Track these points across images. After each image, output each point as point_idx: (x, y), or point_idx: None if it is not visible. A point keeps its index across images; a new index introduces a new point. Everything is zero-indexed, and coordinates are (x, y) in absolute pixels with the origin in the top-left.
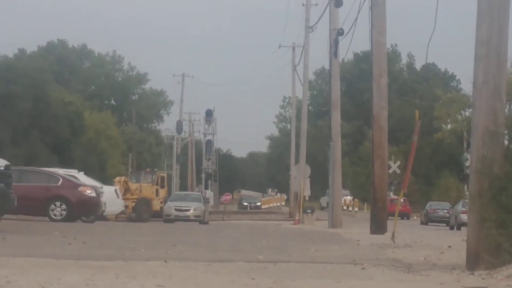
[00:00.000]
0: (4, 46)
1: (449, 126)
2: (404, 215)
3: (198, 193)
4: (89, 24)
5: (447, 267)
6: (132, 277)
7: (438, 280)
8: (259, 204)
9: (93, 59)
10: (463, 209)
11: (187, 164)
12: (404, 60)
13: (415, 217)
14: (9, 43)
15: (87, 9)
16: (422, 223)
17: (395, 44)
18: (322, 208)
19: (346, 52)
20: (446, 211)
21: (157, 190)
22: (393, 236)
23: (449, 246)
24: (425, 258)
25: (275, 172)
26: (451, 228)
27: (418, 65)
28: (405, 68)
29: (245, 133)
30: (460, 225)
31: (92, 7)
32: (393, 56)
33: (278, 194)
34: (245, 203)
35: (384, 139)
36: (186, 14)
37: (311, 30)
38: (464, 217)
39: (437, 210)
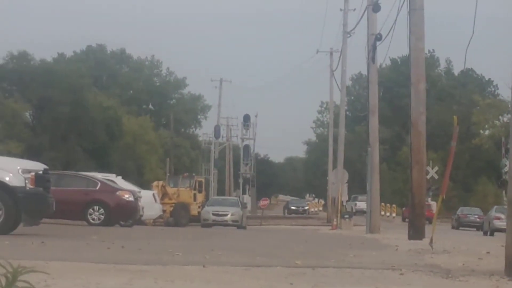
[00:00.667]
0: (44, 50)
1: (487, 132)
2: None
3: (235, 198)
4: (127, 29)
5: (485, 273)
6: (171, 281)
7: (477, 286)
8: (306, 208)
9: (131, 64)
10: (497, 215)
11: (224, 169)
12: (442, 65)
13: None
14: (49, 47)
15: (126, 13)
16: (453, 227)
17: (433, 50)
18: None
19: (384, 58)
20: (476, 216)
21: (195, 194)
22: (431, 241)
23: (488, 252)
24: (463, 264)
25: (312, 177)
26: (485, 233)
27: (456, 71)
28: (443, 74)
29: (283, 138)
30: (493, 231)
31: (131, 12)
32: (431, 61)
33: (316, 199)
34: (293, 207)
35: (423, 145)
36: (224, 19)
37: (349, 35)
38: (497, 223)
39: (468, 215)
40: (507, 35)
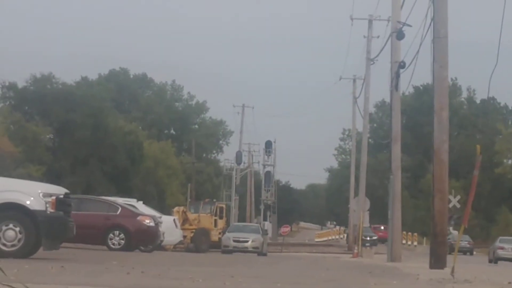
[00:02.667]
0: (67, 73)
1: (510, 161)
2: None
3: (256, 224)
4: (150, 53)
5: None
6: None
7: None
8: (375, 238)
9: (153, 88)
10: (500, 245)
11: (246, 195)
12: (464, 93)
13: (474, 252)
14: (72, 71)
15: (148, 39)
16: (490, 261)
17: (455, 78)
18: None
19: (408, 85)
20: None
21: (215, 220)
22: (452, 271)
23: (509, 282)
24: None
25: (334, 204)
26: (489, 261)
27: (477, 99)
28: (465, 102)
29: (305, 165)
30: (497, 259)
31: (153, 38)
32: (453, 89)
33: (337, 227)
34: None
35: (445, 173)
36: (246, 44)
37: (372, 62)
38: (501, 252)
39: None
40: None
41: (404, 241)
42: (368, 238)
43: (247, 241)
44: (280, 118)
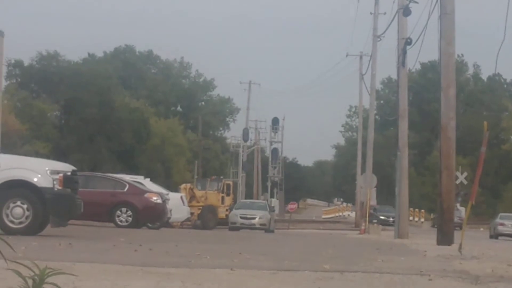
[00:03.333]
0: (74, 51)
1: None
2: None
3: (263, 201)
4: (157, 31)
5: None
6: (198, 284)
7: None
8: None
9: (159, 66)
10: (501, 221)
11: (252, 172)
12: (470, 70)
13: (481, 229)
14: (79, 49)
15: (156, 15)
16: (491, 236)
17: (462, 54)
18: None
19: (415, 62)
20: None
21: (222, 197)
22: (460, 247)
23: None
24: (492, 270)
25: (341, 181)
26: (491, 237)
27: (484, 75)
28: (472, 79)
29: (312, 142)
30: (497, 235)
31: (161, 13)
32: (460, 66)
33: (344, 204)
34: (382, 217)
35: (452, 150)
36: (254, 22)
37: (379, 39)
38: (501, 228)
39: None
40: None
41: (411, 218)
42: (391, 219)
43: (254, 218)
44: (287, 95)
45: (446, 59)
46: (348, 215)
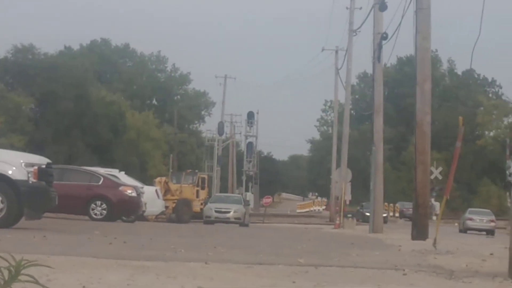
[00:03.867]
0: (49, 44)
1: (491, 133)
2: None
3: (238, 195)
4: (132, 24)
5: (489, 275)
6: (173, 277)
7: (480, 287)
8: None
9: (135, 59)
10: (469, 216)
11: (227, 166)
12: (445, 65)
13: (456, 224)
14: (55, 41)
15: (131, 9)
16: (460, 231)
17: (436, 49)
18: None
19: (390, 57)
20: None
21: (197, 191)
22: (434, 242)
23: (491, 254)
24: (467, 265)
25: (316, 175)
26: (460, 231)
27: (458, 71)
28: (447, 74)
29: (287, 136)
30: (466, 229)
31: (136, 7)
32: (434, 61)
33: (319, 198)
34: (368, 214)
35: (427, 145)
36: (229, 16)
37: (354, 33)
38: (469, 223)
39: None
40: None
41: (385, 213)
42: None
43: (229, 212)
44: (263, 90)
45: (422, 54)
46: (318, 210)
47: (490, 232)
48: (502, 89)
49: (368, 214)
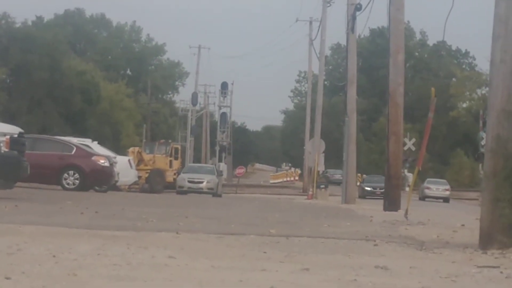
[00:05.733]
0: (21, 13)
1: (464, 105)
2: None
3: (211, 165)
4: None
5: (459, 246)
6: (144, 247)
7: (451, 258)
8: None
9: (110, 30)
10: (427, 185)
11: (201, 137)
12: (417, 36)
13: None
14: (27, 10)
15: None
16: (420, 199)
17: (408, 21)
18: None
19: (363, 28)
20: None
21: (170, 161)
22: (406, 213)
23: (463, 225)
24: (438, 236)
25: (289, 146)
26: (419, 199)
27: (431, 42)
28: (418, 45)
29: (260, 107)
30: (424, 197)
31: None
32: (407, 33)
33: (292, 169)
34: (368, 188)
35: (400, 116)
36: None
37: (328, 4)
38: (427, 192)
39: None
40: (482, 5)
41: (358, 183)
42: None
43: (202, 182)
44: (237, 60)
45: (395, 25)
46: (294, 179)
47: (445, 200)
48: (475, 60)
49: (368, 189)
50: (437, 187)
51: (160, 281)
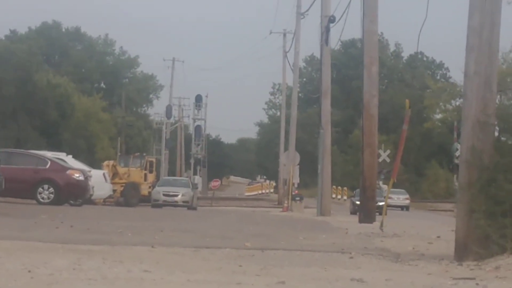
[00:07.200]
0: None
1: (439, 116)
2: None
3: (186, 178)
4: (83, 7)
5: (435, 258)
6: (119, 261)
7: (426, 270)
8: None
9: (85, 43)
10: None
11: (176, 149)
12: (392, 48)
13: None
14: (1, 24)
15: None
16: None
17: (382, 33)
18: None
19: (338, 40)
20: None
21: (145, 174)
22: (381, 225)
23: (438, 237)
24: (413, 248)
25: (264, 158)
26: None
27: (406, 54)
28: (392, 57)
29: (235, 119)
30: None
31: None
32: (381, 44)
33: (267, 181)
34: (358, 202)
35: (374, 127)
36: None
37: (302, 16)
38: (388, 201)
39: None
40: (457, 16)
41: (333, 195)
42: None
43: (177, 195)
44: (211, 73)
45: (369, 37)
46: (269, 191)
47: (405, 208)
48: (450, 72)
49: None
50: (398, 197)
51: None
